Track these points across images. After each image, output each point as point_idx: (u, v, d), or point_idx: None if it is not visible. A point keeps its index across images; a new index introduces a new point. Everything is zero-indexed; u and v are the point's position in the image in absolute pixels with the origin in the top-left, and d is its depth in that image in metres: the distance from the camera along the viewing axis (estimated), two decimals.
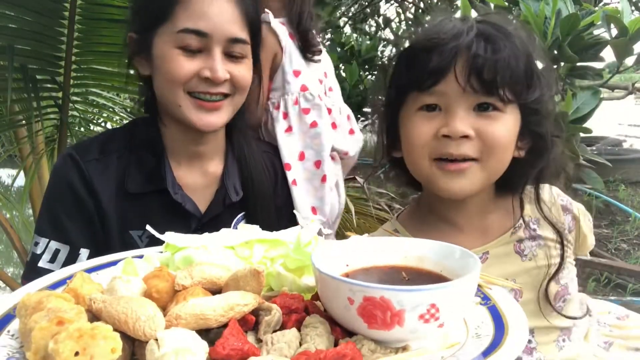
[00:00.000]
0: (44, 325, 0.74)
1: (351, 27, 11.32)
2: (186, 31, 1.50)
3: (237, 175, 1.76)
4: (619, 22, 2.25)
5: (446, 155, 1.35)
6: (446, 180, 1.37)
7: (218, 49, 1.53)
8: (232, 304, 0.85)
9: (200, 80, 1.54)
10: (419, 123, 1.38)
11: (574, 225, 1.54)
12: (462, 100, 1.33)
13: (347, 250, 1.07)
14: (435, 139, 1.35)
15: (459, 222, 1.53)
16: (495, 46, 1.30)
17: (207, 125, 1.59)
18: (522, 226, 1.51)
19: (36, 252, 1.55)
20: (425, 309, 0.82)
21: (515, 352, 0.82)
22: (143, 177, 1.62)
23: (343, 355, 0.76)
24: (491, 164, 1.36)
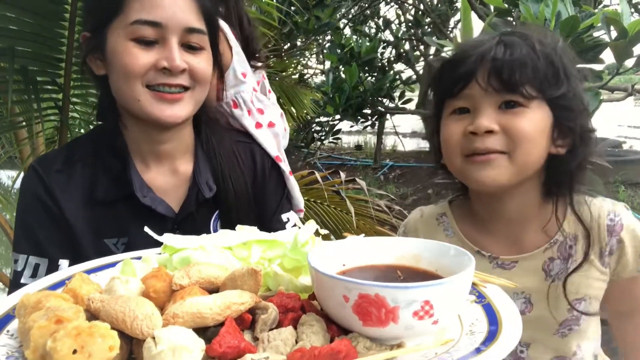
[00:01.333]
0: (43, 324, 0.75)
1: (351, 28, 11.34)
2: (140, 22, 1.45)
3: (209, 170, 1.71)
4: (619, 24, 2.25)
5: (473, 150, 1.44)
6: (476, 171, 1.45)
7: (174, 38, 1.49)
8: (228, 302, 0.86)
9: (157, 72, 1.49)
10: (451, 125, 1.50)
11: (617, 248, 1.52)
12: (487, 100, 1.43)
13: (344, 250, 1.08)
14: (464, 137, 1.46)
15: (495, 228, 1.60)
16: (513, 49, 1.41)
17: (170, 117, 1.53)
18: (557, 243, 1.53)
19: (17, 269, 1.52)
20: (420, 306, 0.83)
21: (508, 348, 0.83)
22: (110, 184, 1.58)
23: (337, 351, 0.76)
24: (519, 157, 1.42)
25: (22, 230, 1.57)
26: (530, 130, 1.41)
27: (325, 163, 12.11)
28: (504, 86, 1.40)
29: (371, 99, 8.82)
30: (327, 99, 8.42)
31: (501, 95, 1.42)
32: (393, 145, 15.14)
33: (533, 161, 1.45)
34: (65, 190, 1.55)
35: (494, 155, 1.42)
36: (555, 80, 1.42)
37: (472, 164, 1.45)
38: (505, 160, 1.43)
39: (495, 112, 1.43)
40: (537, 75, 1.40)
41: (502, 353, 0.81)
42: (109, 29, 1.50)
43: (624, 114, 16.93)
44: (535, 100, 1.42)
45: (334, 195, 3.62)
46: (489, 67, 1.41)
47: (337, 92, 8.31)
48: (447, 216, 1.70)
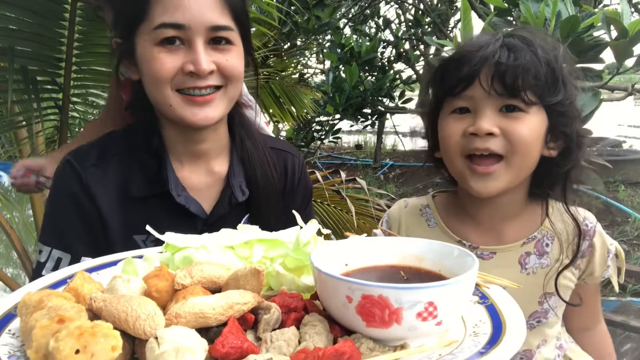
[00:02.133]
0: (45, 324, 0.74)
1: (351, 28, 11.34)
2: (163, 26, 1.43)
3: (242, 174, 1.71)
4: (619, 23, 2.24)
5: (473, 150, 1.47)
6: (476, 181, 1.50)
7: (199, 39, 1.46)
8: (231, 302, 0.85)
9: (185, 75, 1.47)
10: (452, 124, 1.53)
11: (589, 252, 1.61)
12: (488, 103, 1.46)
13: (346, 250, 1.08)
14: (465, 137, 1.49)
15: (479, 220, 1.65)
16: (517, 54, 1.43)
17: (202, 120, 1.52)
18: (535, 240, 1.60)
19: (40, 260, 1.54)
20: (423, 307, 0.83)
21: (513, 351, 0.83)
22: (145, 181, 1.58)
23: (341, 352, 0.76)
24: (516, 161, 1.47)
25: (50, 222, 1.58)
26: (529, 135, 1.45)
27: (325, 162, 12.11)
28: (506, 90, 1.43)
29: (371, 98, 8.81)
30: (327, 98, 8.42)
31: (503, 99, 1.45)
32: (393, 144, 15.14)
33: (529, 165, 1.50)
34: (101, 184, 1.55)
35: (494, 167, 1.46)
36: (554, 87, 1.46)
37: (474, 174, 1.50)
38: (504, 168, 1.47)
39: (495, 115, 1.46)
40: (538, 82, 1.43)
41: (507, 355, 0.81)
42: (137, 35, 1.49)
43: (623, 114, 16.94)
44: (535, 106, 1.45)
45: (334, 195, 3.62)
46: (492, 71, 1.44)
47: (337, 92, 8.30)
48: (429, 208, 1.75)
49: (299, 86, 5.09)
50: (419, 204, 1.78)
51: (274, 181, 1.74)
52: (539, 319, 1.61)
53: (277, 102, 4.75)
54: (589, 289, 1.66)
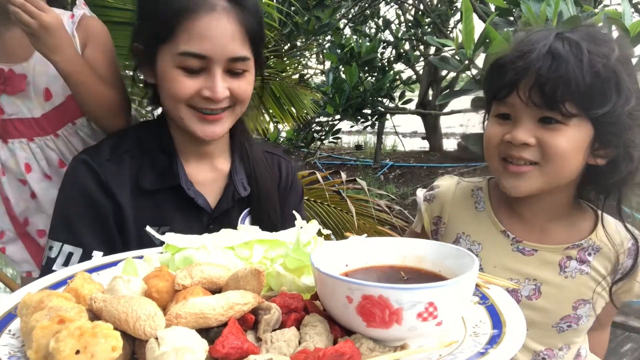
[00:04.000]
0: (45, 324, 0.74)
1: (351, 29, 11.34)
2: (188, 54, 1.50)
3: (243, 172, 1.80)
4: (620, 24, 2.24)
5: (509, 156, 1.49)
6: (507, 179, 1.51)
7: (219, 69, 1.53)
8: (231, 303, 0.85)
9: (200, 98, 1.55)
10: (492, 128, 1.55)
11: (631, 271, 1.58)
12: (527, 112, 1.45)
13: (347, 251, 1.08)
14: (502, 143, 1.50)
15: (525, 215, 1.64)
16: (559, 64, 1.38)
17: (209, 135, 1.61)
18: (581, 247, 1.58)
19: (50, 255, 1.56)
20: (424, 308, 0.83)
21: (513, 351, 0.83)
22: (156, 175, 1.65)
23: (342, 353, 0.76)
24: (550, 170, 1.46)
25: (61, 218, 1.61)
26: (566, 148, 1.43)
27: (326, 163, 12.11)
28: (544, 102, 1.41)
29: (371, 99, 8.81)
30: (327, 99, 8.42)
31: (541, 111, 1.43)
32: (393, 145, 15.13)
33: (565, 175, 1.49)
34: (116, 179, 1.61)
35: (527, 168, 1.47)
36: (601, 97, 1.40)
37: (506, 172, 1.51)
38: (537, 171, 1.47)
39: (533, 125, 1.45)
40: (580, 93, 1.38)
41: (507, 355, 0.81)
42: (159, 50, 1.55)
43: None
44: (575, 118, 1.41)
45: (335, 195, 3.62)
46: (532, 81, 1.41)
47: (337, 92, 8.30)
48: (482, 191, 1.74)
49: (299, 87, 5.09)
50: (472, 185, 1.78)
51: (271, 178, 1.85)
52: (569, 323, 1.60)
53: (277, 103, 4.75)
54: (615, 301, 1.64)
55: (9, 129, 1.87)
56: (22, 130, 1.88)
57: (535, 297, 1.58)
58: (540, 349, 1.62)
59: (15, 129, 1.87)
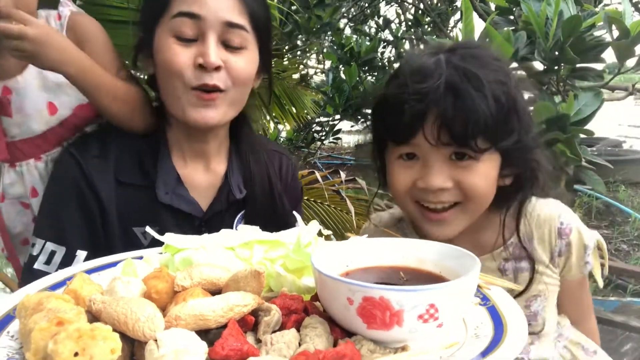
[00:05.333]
0: (44, 326, 0.74)
1: (351, 28, 11.32)
2: (180, 15, 1.48)
3: (240, 174, 1.75)
4: (621, 23, 2.24)
5: (426, 202, 1.42)
6: (430, 227, 1.45)
7: (212, 34, 1.49)
8: (231, 304, 0.85)
9: (195, 70, 1.49)
10: (399, 171, 1.45)
11: (565, 250, 1.56)
12: (437, 153, 1.37)
13: (347, 251, 1.07)
14: (414, 187, 1.42)
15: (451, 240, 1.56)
16: (464, 100, 1.31)
17: (203, 119, 1.54)
18: (513, 244, 1.55)
19: (32, 253, 1.53)
20: (425, 309, 0.82)
21: (514, 353, 0.82)
22: (136, 169, 1.61)
23: (342, 355, 0.76)
24: (472, 207, 1.43)
25: (46, 215, 1.58)
26: (483, 184, 1.39)
27: (326, 162, 12.09)
28: (455, 140, 1.33)
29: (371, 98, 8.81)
30: (327, 99, 8.41)
31: (451, 148, 1.36)
32: None
33: (484, 207, 1.46)
34: (102, 175, 1.57)
35: (447, 213, 1.42)
36: (507, 127, 1.36)
37: (426, 220, 1.44)
38: (459, 212, 1.42)
39: (445, 165, 1.38)
40: (489, 128, 1.32)
41: (508, 357, 0.81)
42: (157, 26, 1.53)
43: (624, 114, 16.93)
44: (487, 152, 1.37)
45: (334, 195, 3.61)
46: (438, 122, 1.33)
47: (336, 92, 8.30)
48: (404, 221, 1.69)
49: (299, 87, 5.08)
50: (392, 218, 1.73)
51: (269, 180, 1.78)
52: (529, 322, 1.56)
53: (278, 103, 4.74)
54: (570, 284, 1.61)
55: (16, 152, 1.70)
56: (27, 152, 1.70)
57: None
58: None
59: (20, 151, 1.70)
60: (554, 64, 2.47)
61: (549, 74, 2.53)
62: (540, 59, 2.43)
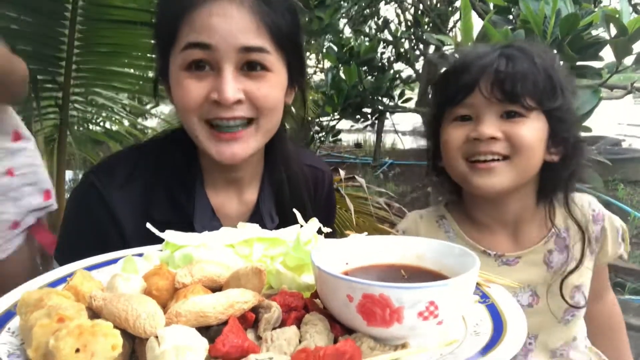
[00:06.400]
0: (45, 323, 0.74)
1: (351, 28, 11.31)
2: (189, 46, 1.32)
3: (273, 200, 1.62)
4: (618, 21, 2.25)
5: (476, 153, 1.52)
6: (477, 177, 1.53)
7: (228, 64, 1.32)
8: (231, 301, 0.85)
9: (211, 104, 1.34)
10: (454, 130, 1.57)
11: (601, 235, 1.67)
12: (489, 109, 1.51)
13: (347, 249, 1.07)
14: (467, 142, 1.53)
15: (494, 228, 1.67)
16: (515, 62, 1.49)
17: (229, 158, 1.39)
18: (554, 235, 1.64)
19: None
20: (424, 307, 0.83)
21: (514, 350, 0.83)
22: (170, 206, 1.48)
23: (342, 352, 0.76)
24: (520, 162, 1.51)
25: (67, 243, 1.51)
26: (531, 138, 1.49)
27: (325, 161, 12.09)
28: (506, 97, 1.48)
29: (370, 98, 8.81)
30: (326, 98, 8.41)
31: (503, 106, 1.49)
32: (392, 143, 15.12)
33: (532, 167, 1.54)
34: (126, 208, 1.45)
35: (495, 163, 1.50)
36: (553, 93, 1.51)
37: (475, 171, 1.53)
38: (506, 166, 1.51)
39: (497, 121, 1.50)
40: (536, 88, 1.48)
41: (508, 354, 0.81)
42: (170, 57, 1.40)
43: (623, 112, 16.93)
44: (534, 111, 1.50)
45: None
46: (492, 79, 1.48)
47: (335, 92, 8.29)
48: (446, 218, 1.75)
49: None
50: (434, 215, 1.78)
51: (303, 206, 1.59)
52: (572, 313, 1.64)
53: None
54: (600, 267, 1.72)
55: None
56: None
57: (535, 302, 1.61)
58: (557, 347, 1.66)
59: None
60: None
61: None
62: None
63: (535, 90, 1.49)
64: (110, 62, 3.36)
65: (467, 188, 1.64)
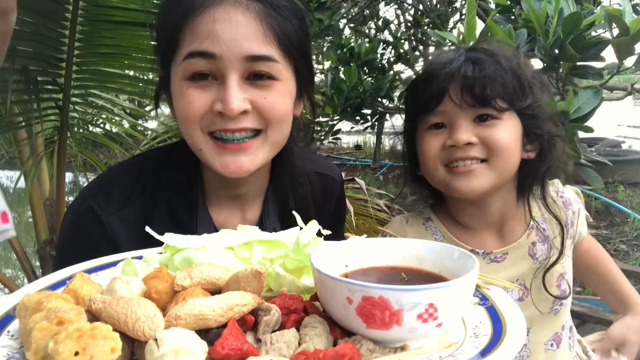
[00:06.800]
0: (44, 326, 0.74)
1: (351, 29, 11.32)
2: (191, 55, 1.26)
3: (277, 213, 1.57)
4: (621, 21, 2.24)
5: (454, 160, 1.53)
6: (458, 181, 1.54)
7: (233, 73, 1.26)
8: (231, 304, 0.85)
9: (214, 116, 1.28)
10: (429, 140, 1.58)
11: (574, 218, 1.72)
12: (462, 115, 1.52)
13: (346, 251, 1.08)
14: (444, 150, 1.54)
15: (479, 228, 1.69)
16: (482, 66, 1.51)
17: (234, 172, 1.33)
18: (534, 227, 1.67)
19: None
20: (424, 309, 0.83)
21: (513, 352, 0.82)
22: (169, 223, 1.41)
23: (342, 355, 0.76)
24: (498, 164, 1.52)
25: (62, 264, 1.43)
26: (507, 139, 1.52)
27: None
28: (476, 101, 1.50)
29: (370, 99, 8.81)
30: (326, 99, 8.42)
31: (475, 110, 1.51)
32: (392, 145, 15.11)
33: (510, 167, 1.56)
34: (124, 229, 1.41)
35: (475, 166, 1.52)
36: (522, 92, 1.53)
37: (454, 175, 1.55)
38: (485, 168, 1.53)
39: (470, 125, 1.52)
40: (506, 89, 1.51)
41: (507, 356, 0.81)
42: (171, 67, 1.34)
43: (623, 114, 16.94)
44: (507, 112, 1.52)
45: None
46: (460, 84, 1.50)
47: (335, 93, 8.30)
48: (432, 221, 1.76)
49: None
50: (420, 218, 1.79)
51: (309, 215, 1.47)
52: (561, 302, 1.67)
53: None
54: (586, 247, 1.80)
55: None
56: None
57: (526, 295, 1.64)
58: (548, 338, 1.68)
59: None
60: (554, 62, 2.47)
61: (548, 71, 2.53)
62: (541, 56, 2.43)
63: (505, 92, 1.51)
64: (111, 63, 3.36)
65: (448, 193, 1.66)
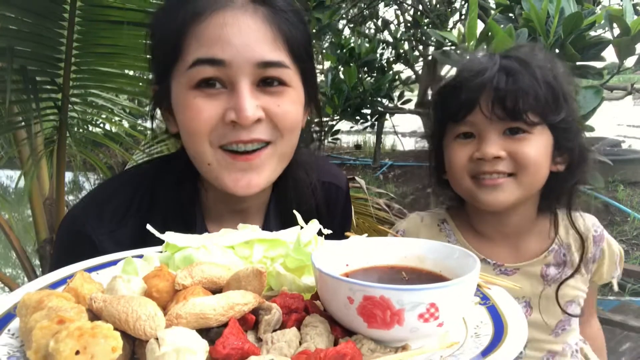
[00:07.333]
0: (45, 324, 0.74)
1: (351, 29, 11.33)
2: (198, 63, 1.19)
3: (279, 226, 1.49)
4: (622, 21, 2.25)
5: (482, 172, 1.50)
6: (484, 194, 1.52)
7: (244, 80, 1.19)
8: (232, 303, 0.85)
9: (226, 126, 1.21)
10: (457, 149, 1.56)
11: (599, 256, 1.67)
12: (491, 127, 1.48)
13: (347, 250, 1.07)
14: (472, 161, 1.51)
15: (495, 238, 1.67)
16: (516, 78, 1.45)
17: (245, 188, 1.27)
18: (554, 251, 1.63)
19: None
20: (425, 309, 0.82)
21: (514, 352, 0.82)
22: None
23: (343, 354, 0.76)
24: (526, 179, 1.49)
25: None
26: (536, 154, 1.48)
27: None
28: (507, 114, 1.45)
29: (370, 99, 8.81)
30: (326, 99, 8.42)
31: (505, 123, 1.47)
32: (392, 144, 15.14)
33: (538, 181, 1.53)
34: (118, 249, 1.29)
35: (502, 180, 1.49)
36: (556, 105, 1.48)
37: (481, 187, 1.52)
38: (512, 182, 1.49)
39: (500, 139, 1.48)
40: (539, 103, 1.46)
41: (508, 356, 0.81)
42: (172, 77, 1.26)
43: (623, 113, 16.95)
44: (538, 126, 1.48)
45: None
46: (492, 96, 1.45)
47: (335, 93, 8.30)
48: (447, 223, 1.74)
49: None
50: (436, 219, 1.77)
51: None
52: (564, 326, 1.65)
53: None
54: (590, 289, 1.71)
55: None
56: None
57: (528, 313, 1.62)
58: (541, 356, 1.66)
59: None
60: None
61: None
62: None
63: (537, 105, 1.46)
64: (109, 63, 3.35)
65: (473, 204, 1.62)
